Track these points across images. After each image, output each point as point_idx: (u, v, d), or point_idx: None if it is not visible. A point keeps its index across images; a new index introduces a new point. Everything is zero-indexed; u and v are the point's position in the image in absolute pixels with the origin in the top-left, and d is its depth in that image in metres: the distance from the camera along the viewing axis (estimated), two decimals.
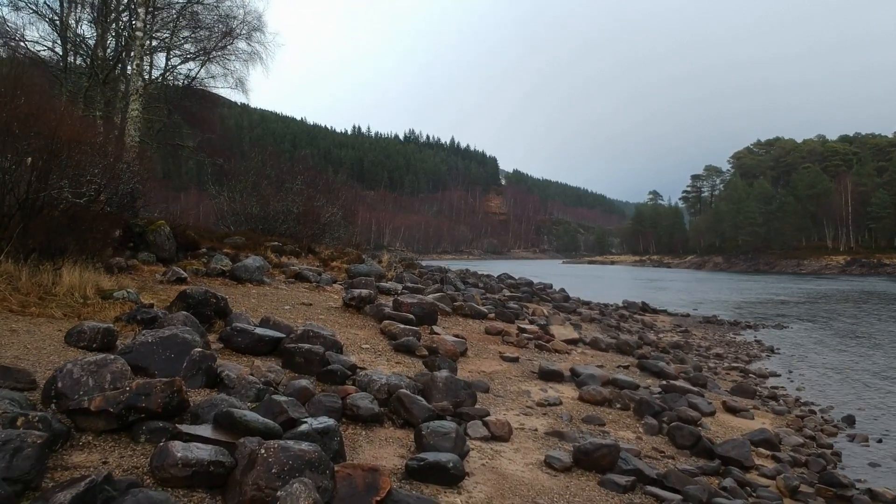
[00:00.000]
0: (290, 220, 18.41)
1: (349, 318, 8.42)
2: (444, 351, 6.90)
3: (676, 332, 14.41)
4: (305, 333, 5.56)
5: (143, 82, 10.63)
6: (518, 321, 11.20)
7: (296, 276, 11.13)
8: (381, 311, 8.43)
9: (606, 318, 14.54)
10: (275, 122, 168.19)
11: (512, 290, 16.45)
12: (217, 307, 6.25)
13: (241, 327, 5.54)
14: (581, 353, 9.01)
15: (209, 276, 9.91)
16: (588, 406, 6.13)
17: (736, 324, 17.08)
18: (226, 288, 9.37)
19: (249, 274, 9.97)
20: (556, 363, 8.03)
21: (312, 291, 10.37)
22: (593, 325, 13.22)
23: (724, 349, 12.62)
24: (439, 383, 5.09)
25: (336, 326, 7.77)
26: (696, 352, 11.96)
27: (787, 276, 63.51)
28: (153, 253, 9.99)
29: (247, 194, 18.53)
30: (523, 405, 5.86)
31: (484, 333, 9.20)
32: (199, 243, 10.76)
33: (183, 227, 10.54)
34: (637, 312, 17.66)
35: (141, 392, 3.27)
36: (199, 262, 10.28)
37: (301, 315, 8.10)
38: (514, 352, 8.22)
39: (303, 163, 21.24)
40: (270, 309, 8.24)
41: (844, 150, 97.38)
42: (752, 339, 14.56)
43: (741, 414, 6.95)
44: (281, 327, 6.03)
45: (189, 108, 20.77)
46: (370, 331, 7.86)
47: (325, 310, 8.77)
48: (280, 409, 3.58)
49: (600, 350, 9.62)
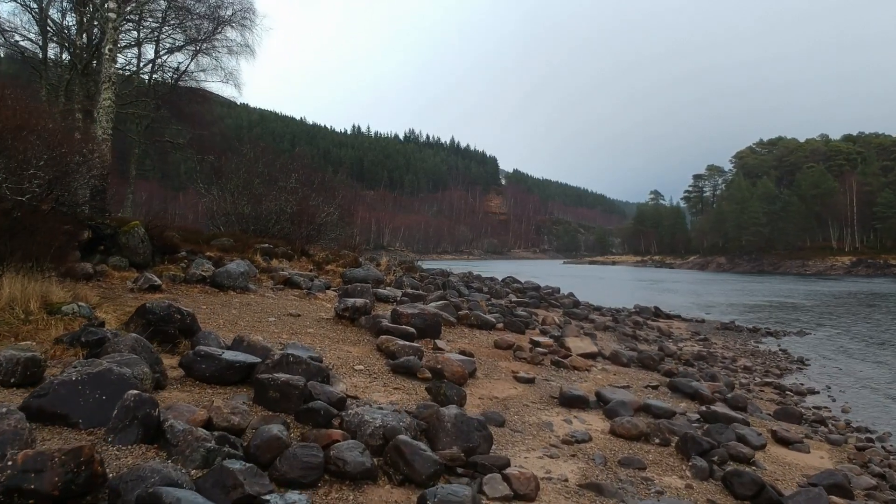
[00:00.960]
0: (284, 220, 17.45)
1: (341, 332, 7.45)
2: (449, 373, 5.94)
3: (696, 341, 13.45)
4: (284, 359, 4.59)
5: (115, 69, 9.68)
6: (529, 331, 10.25)
7: (285, 283, 10.17)
8: (378, 324, 7.47)
9: (621, 325, 13.58)
10: (274, 122, 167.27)
11: (518, 295, 15.49)
12: (182, 324, 5.29)
13: (205, 351, 4.57)
14: (602, 370, 8.04)
15: (188, 283, 8.95)
16: (622, 442, 5.16)
17: (755, 331, 16.12)
18: (205, 296, 8.41)
19: (232, 280, 9.01)
20: (577, 384, 7.07)
21: (302, 300, 9.40)
22: (608, 333, 12.25)
23: (751, 360, 11.66)
24: (447, 423, 4.12)
25: (326, 343, 6.81)
26: (720, 363, 11.00)
27: (792, 276, 62.55)
28: (126, 257, 9.03)
29: (238, 193, 17.56)
30: (547, 443, 4.90)
31: (493, 347, 8.23)
32: (179, 246, 9.79)
33: (160, 228, 9.57)
34: (651, 318, 16.70)
35: (30, 468, 2.30)
36: (176, 268, 9.32)
37: (287, 329, 7.13)
38: (528, 370, 7.25)
39: (297, 160, 20.24)
40: (252, 321, 7.28)
41: (848, 149, 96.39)
42: (776, 348, 13.60)
43: (795, 446, 5.99)
44: (257, 349, 5.06)
45: (178, 104, 19.83)
46: (365, 347, 6.90)
47: (315, 322, 7.81)
48: (233, 482, 2.62)
49: (622, 365, 8.65)
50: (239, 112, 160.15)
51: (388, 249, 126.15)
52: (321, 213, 19.01)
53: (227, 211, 17.32)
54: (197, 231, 14.46)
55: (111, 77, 9.39)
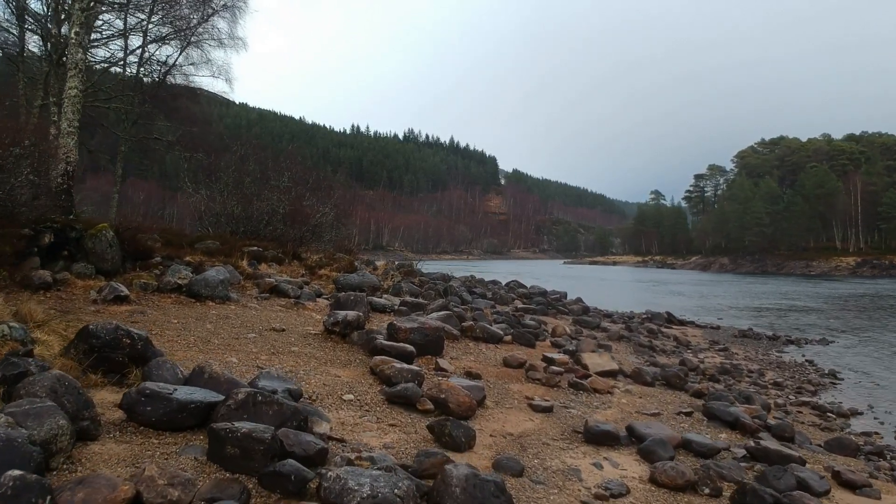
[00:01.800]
0: (276, 221, 16.52)
1: (330, 351, 6.53)
2: (455, 404, 5.03)
3: (716, 351, 12.53)
4: (251, 399, 3.67)
5: (85, 55, 8.74)
6: (539, 343, 9.35)
7: (271, 290, 9.25)
8: (373, 340, 6.56)
9: (635, 334, 12.67)
10: (273, 121, 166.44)
11: (524, 302, 14.58)
12: (132, 350, 4.37)
13: (152, 390, 3.65)
14: (625, 391, 7.13)
15: (161, 293, 8.04)
16: (666, 494, 4.25)
17: (775, 338, 15.20)
18: (178, 308, 7.49)
19: (211, 289, 8.09)
20: (600, 411, 6.16)
21: (289, 310, 8.47)
22: (623, 344, 11.34)
23: (778, 374, 10.75)
24: (455, 488, 3.21)
25: (311, 364, 5.89)
26: (747, 378, 10.09)
27: (797, 278, 61.66)
28: (92, 264, 8.10)
29: (228, 193, 16.63)
30: (576, 498, 3.98)
31: (502, 366, 7.32)
32: (153, 250, 8.85)
33: (132, 230, 8.63)
34: (664, 325, 15.80)
35: None
36: (149, 275, 8.39)
37: (267, 348, 6.22)
38: (543, 394, 6.34)
39: (290, 157, 19.30)
40: (228, 339, 6.36)
41: (851, 148, 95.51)
42: (801, 358, 12.70)
43: (863, 491, 5.08)
44: (220, 382, 4.14)
45: (166, 99, 18.92)
46: (357, 370, 5.98)
47: (301, 338, 6.89)
48: None
49: (645, 384, 7.74)
50: (237, 111, 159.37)
51: (387, 249, 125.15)
52: (316, 213, 18.11)
53: (217, 211, 16.40)
54: (181, 233, 13.54)
55: (78, 64, 8.46)
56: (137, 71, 19.21)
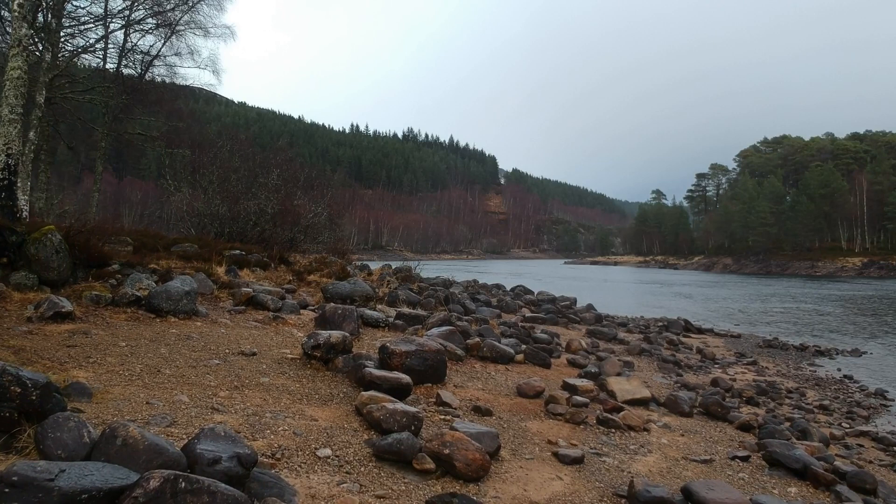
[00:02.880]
0: (264, 221, 15.37)
1: (308, 382, 5.37)
2: (463, 462, 3.87)
3: (744, 366, 11.38)
4: (168, 488, 2.51)
5: (28, 29, 7.56)
6: (554, 360, 8.21)
7: (248, 302, 8.09)
8: (361, 368, 5.41)
9: (655, 346, 11.52)
10: (272, 121, 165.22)
11: (532, 309, 13.43)
12: (24, 402, 3.21)
13: (23, 476, 2.49)
14: (663, 428, 5.96)
15: (115, 306, 6.88)
16: None
17: (803, 349, 14.05)
18: (132, 326, 6.33)
19: (173, 303, 6.93)
20: (640, 457, 5.00)
21: (266, 327, 7.31)
22: (644, 360, 10.19)
23: (820, 394, 9.59)
24: None
25: (282, 403, 4.73)
26: (787, 399, 8.94)
27: (802, 278, 60.52)
28: (35, 273, 6.94)
29: (213, 191, 15.47)
30: None
31: (516, 395, 6.16)
32: (110, 257, 7.68)
33: (85, 234, 7.46)
34: (681, 333, 14.65)
35: None
36: (103, 286, 7.22)
37: (229, 380, 5.06)
38: (569, 435, 5.18)
39: (280, 154, 18.11)
40: (183, 368, 5.20)
41: (855, 147, 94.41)
42: (838, 373, 11.55)
43: None
44: (137, 452, 2.97)
45: (147, 91, 17.75)
46: (339, 409, 4.82)
47: (275, 364, 5.72)
48: None
49: (683, 415, 6.59)
50: (236, 110, 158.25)
51: (386, 249, 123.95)
52: (308, 213, 16.97)
53: (200, 211, 15.24)
54: (157, 235, 12.37)
55: (21, 41, 7.30)
56: (119, 62, 18.03)
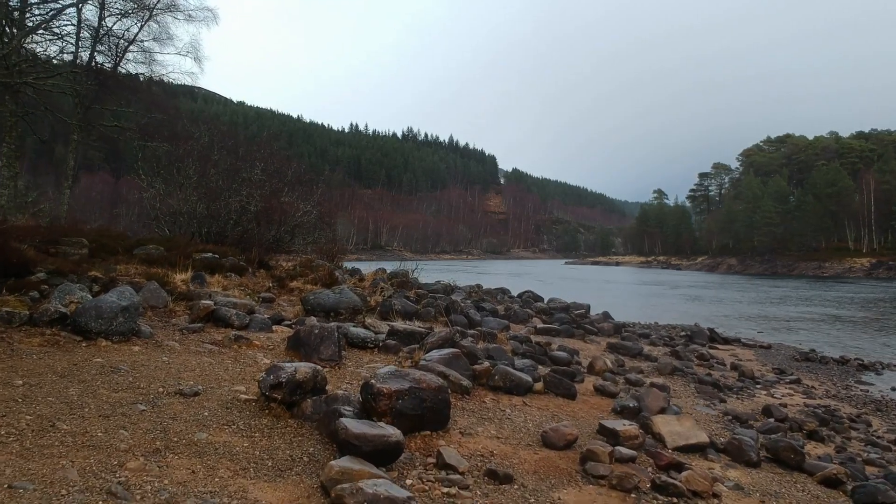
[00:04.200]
0: (246, 220, 13.94)
1: (263, 438, 3.93)
2: None
3: (788, 385, 9.95)
4: None
5: None
6: (578, 385, 6.77)
7: (207, 318, 6.65)
8: (335, 417, 3.99)
9: (686, 362, 10.10)
10: (271, 120, 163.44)
11: (544, 319, 12.01)
12: None
13: None
14: (735, 491, 4.54)
15: (32, 326, 5.45)
16: None
17: (844, 362, 12.62)
18: (47, 353, 4.90)
19: (106, 322, 5.49)
20: None
21: (222, 352, 5.85)
22: (678, 380, 8.76)
23: (887, 422, 8.17)
24: None
25: (218, 477, 3.28)
26: (852, 430, 7.52)
27: (809, 279, 59.10)
28: None
29: (190, 187, 14.02)
30: None
31: (541, 447, 4.73)
32: (33, 263, 6.25)
33: (2, 235, 6.02)
34: (707, 343, 13.23)
35: None
36: (19, 300, 5.78)
37: (152, 436, 3.61)
38: None
39: (264, 147, 16.67)
40: (92, 420, 3.76)
41: (861, 146, 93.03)
42: (892, 392, 10.14)
43: None
44: None
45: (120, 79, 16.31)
46: (298, 486, 3.38)
47: (221, 410, 4.28)
48: None
49: (750, 465, 5.17)
50: (234, 109, 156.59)
51: (385, 249, 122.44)
52: (296, 211, 15.52)
53: (175, 209, 13.80)
54: (120, 236, 10.94)
55: None
56: (92, 46, 16.61)
